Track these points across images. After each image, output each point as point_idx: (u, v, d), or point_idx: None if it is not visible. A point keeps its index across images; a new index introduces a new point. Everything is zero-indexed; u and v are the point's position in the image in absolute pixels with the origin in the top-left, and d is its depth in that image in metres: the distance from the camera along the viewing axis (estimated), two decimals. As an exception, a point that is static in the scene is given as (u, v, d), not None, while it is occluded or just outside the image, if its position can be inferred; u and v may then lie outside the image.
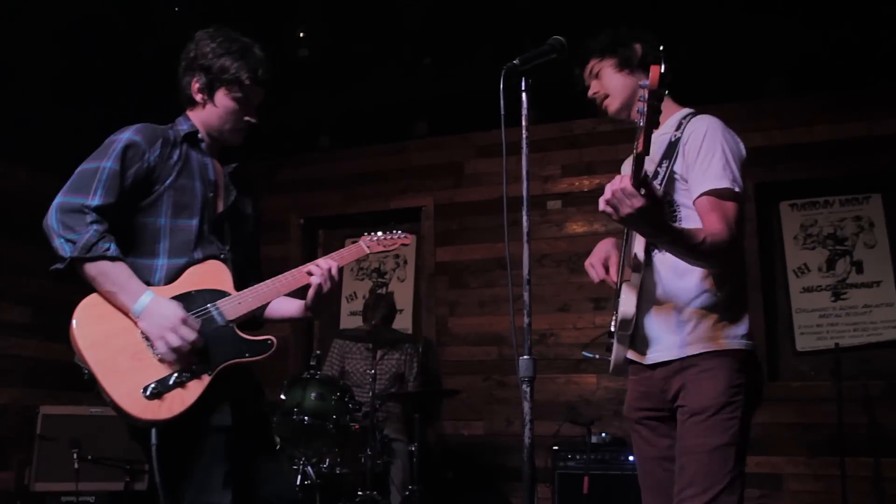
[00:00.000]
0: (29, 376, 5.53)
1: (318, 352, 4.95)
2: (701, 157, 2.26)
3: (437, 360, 5.78)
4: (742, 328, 2.29)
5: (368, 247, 2.70)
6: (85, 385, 2.12)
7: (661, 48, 2.32)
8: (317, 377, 4.38)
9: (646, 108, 1.86)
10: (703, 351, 2.25)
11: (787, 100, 5.28)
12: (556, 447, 4.74)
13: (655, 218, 2.06)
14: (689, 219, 2.28)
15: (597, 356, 2.62)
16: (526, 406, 1.92)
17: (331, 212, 6.41)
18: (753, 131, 5.03)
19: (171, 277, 2.29)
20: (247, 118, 2.46)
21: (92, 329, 2.15)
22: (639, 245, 2.33)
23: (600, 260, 2.48)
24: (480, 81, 5.29)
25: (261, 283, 2.39)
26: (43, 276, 2.19)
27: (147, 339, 2.16)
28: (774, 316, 5.29)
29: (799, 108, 5.25)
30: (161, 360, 2.14)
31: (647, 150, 1.91)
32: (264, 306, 2.48)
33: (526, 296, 2.07)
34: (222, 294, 2.31)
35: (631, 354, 2.42)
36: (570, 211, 5.66)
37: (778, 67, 5.19)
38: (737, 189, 2.22)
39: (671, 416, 2.33)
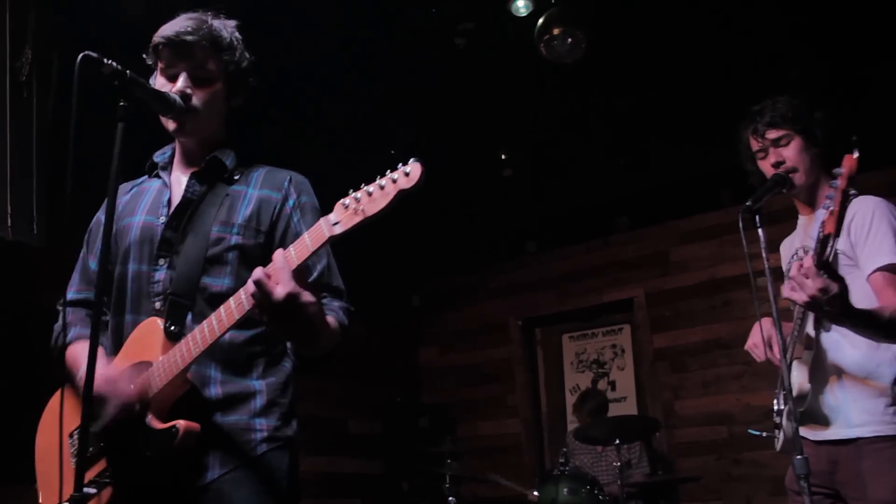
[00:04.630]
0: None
1: (566, 449, 5.06)
2: (871, 236, 2.34)
3: (665, 443, 5.87)
4: None
5: (336, 223, 1.53)
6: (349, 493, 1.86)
7: (854, 138, 2.26)
8: (566, 472, 4.57)
9: (839, 195, 2.04)
10: (876, 434, 2.22)
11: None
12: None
13: (840, 300, 2.08)
14: (852, 291, 2.21)
15: (764, 433, 2.60)
16: (807, 500, 1.99)
17: (546, 311, 6.78)
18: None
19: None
20: None
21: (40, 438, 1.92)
22: (809, 323, 2.39)
23: (761, 341, 2.47)
24: (674, 173, 5.60)
25: (189, 334, 1.70)
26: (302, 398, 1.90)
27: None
28: None
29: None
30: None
31: (837, 233, 2.06)
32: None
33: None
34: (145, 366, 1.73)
35: (802, 430, 2.37)
36: (778, 286, 5.62)
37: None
38: None
39: (836, 495, 2.30)
